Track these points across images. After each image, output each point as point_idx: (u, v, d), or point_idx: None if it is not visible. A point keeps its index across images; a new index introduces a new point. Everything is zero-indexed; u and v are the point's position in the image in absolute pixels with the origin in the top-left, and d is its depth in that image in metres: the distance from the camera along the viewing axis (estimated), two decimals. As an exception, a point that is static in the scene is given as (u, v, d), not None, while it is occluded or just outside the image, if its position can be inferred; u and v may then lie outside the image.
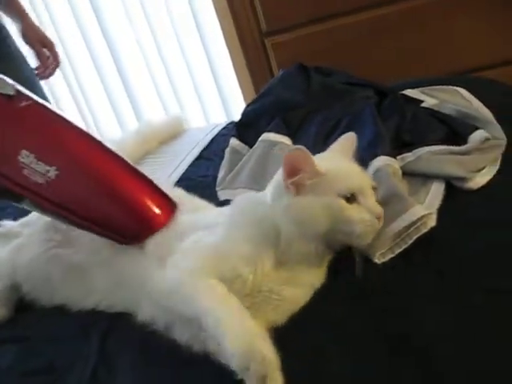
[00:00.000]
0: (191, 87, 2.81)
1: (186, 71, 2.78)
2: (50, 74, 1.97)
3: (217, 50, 2.64)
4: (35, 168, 1.01)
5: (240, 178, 1.29)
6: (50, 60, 1.92)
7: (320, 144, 1.20)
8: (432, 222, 0.99)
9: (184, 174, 1.50)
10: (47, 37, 1.91)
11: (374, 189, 0.97)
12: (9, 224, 1.31)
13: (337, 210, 0.91)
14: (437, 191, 1.07)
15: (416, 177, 1.12)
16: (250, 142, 1.41)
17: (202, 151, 1.59)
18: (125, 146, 1.56)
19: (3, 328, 1.08)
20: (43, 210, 1.07)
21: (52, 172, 1.02)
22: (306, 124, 1.35)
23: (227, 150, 1.43)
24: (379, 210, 0.93)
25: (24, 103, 1.05)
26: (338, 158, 1.01)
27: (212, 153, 1.56)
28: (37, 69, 1.95)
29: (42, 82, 2.04)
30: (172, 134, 1.69)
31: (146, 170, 1.60)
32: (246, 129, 1.46)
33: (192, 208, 1.11)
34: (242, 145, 1.43)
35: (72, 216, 1.04)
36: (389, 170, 1.08)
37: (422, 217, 0.98)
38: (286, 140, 1.34)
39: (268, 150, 1.31)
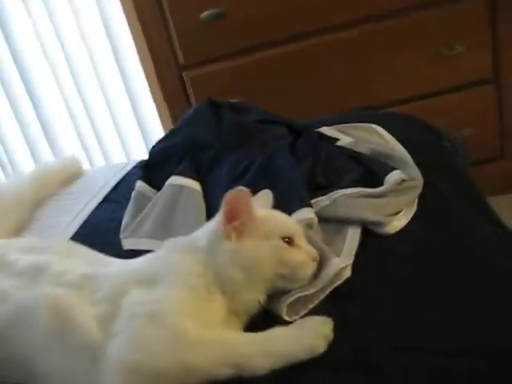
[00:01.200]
0: (111, 123, 2.69)
1: (105, 107, 2.66)
2: None
3: (137, 85, 2.54)
4: None
5: (145, 226, 1.18)
6: None
7: (232, 187, 1.12)
8: (347, 273, 0.93)
9: (88, 218, 1.37)
10: None
11: None
12: None
13: (283, 253, 0.89)
14: (353, 238, 1.01)
15: (330, 222, 1.06)
16: (157, 184, 1.30)
17: (109, 192, 1.47)
18: (22, 191, 1.44)
19: None
20: None
21: None
22: (217, 165, 1.27)
23: (133, 194, 1.31)
24: (315, 252, 0.93)
25: None
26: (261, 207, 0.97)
27: (120, 194, 1.44)
28: None
29: None
30: (70, 175, 1.59)
31: (50, 211, 1.51)
32: (154, 170, 1.35)
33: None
34: (149, 188, 1.32)
35: None
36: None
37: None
38: (194, 184, 1.24)
39: (176, 195, 1.22)
